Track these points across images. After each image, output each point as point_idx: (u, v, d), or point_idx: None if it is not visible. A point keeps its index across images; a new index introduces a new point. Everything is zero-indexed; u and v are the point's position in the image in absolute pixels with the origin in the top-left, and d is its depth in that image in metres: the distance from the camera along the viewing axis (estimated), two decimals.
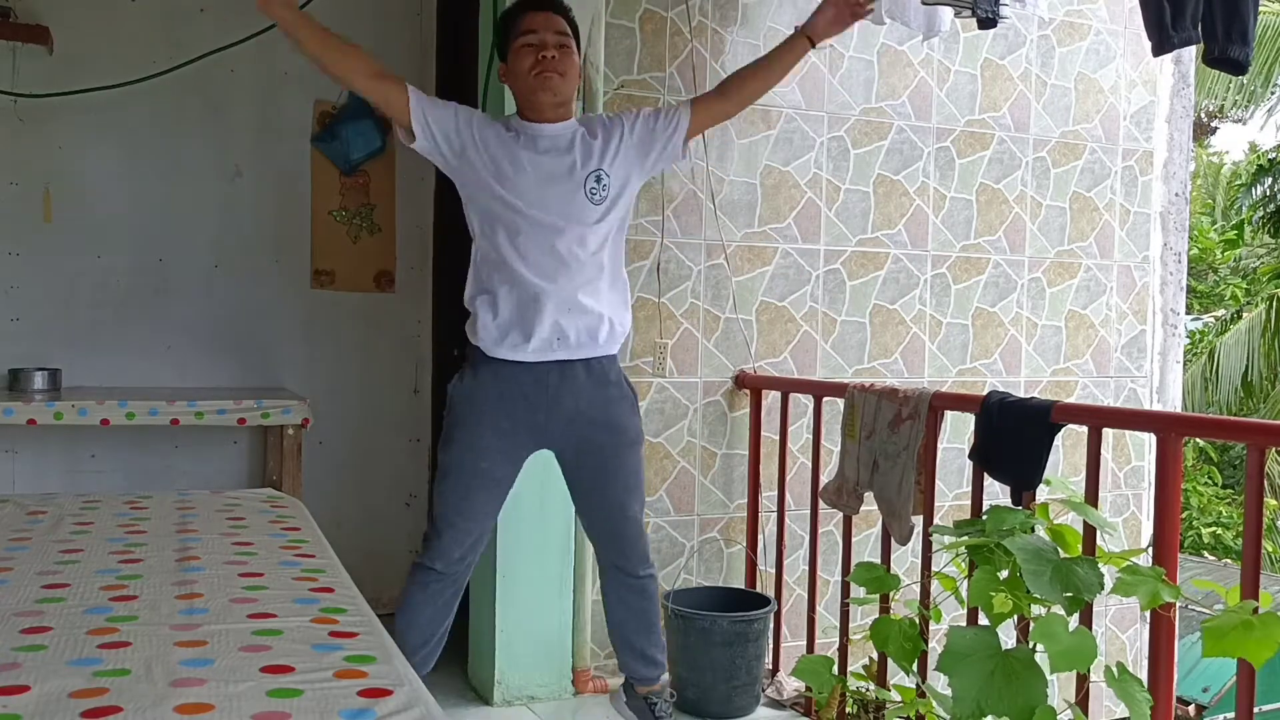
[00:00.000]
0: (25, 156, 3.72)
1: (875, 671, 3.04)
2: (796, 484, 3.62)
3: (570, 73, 2.52)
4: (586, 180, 2.52)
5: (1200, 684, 7.45)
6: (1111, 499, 4.21)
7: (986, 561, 2.45)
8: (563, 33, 2.52)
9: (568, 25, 2.56)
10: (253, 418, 3.53)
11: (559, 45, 2.50)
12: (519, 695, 3.31)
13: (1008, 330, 4.10)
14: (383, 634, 1.59)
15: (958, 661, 2.26)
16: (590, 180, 2.52)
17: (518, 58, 2.51)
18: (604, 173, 2.53)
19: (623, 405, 2.64)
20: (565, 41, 2.52)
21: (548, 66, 2.47)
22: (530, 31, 2.50)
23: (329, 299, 4.11)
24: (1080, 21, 4.18)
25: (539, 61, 2.47)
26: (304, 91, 4.03)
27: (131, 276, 3.86)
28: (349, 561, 2.17)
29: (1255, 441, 2.22)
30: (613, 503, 2.67)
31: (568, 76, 2.51)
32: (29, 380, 3.58)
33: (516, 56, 2.51)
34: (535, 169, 2.50)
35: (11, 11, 3.60)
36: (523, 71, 2.50)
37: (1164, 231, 4.37)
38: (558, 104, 2.53)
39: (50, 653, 1.42)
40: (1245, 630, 2.00)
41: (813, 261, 3.78)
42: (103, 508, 2.46)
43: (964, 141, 3.99)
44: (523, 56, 2.50)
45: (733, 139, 3.63)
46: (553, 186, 2.51)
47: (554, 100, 2.51)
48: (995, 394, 2.78)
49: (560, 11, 2.57)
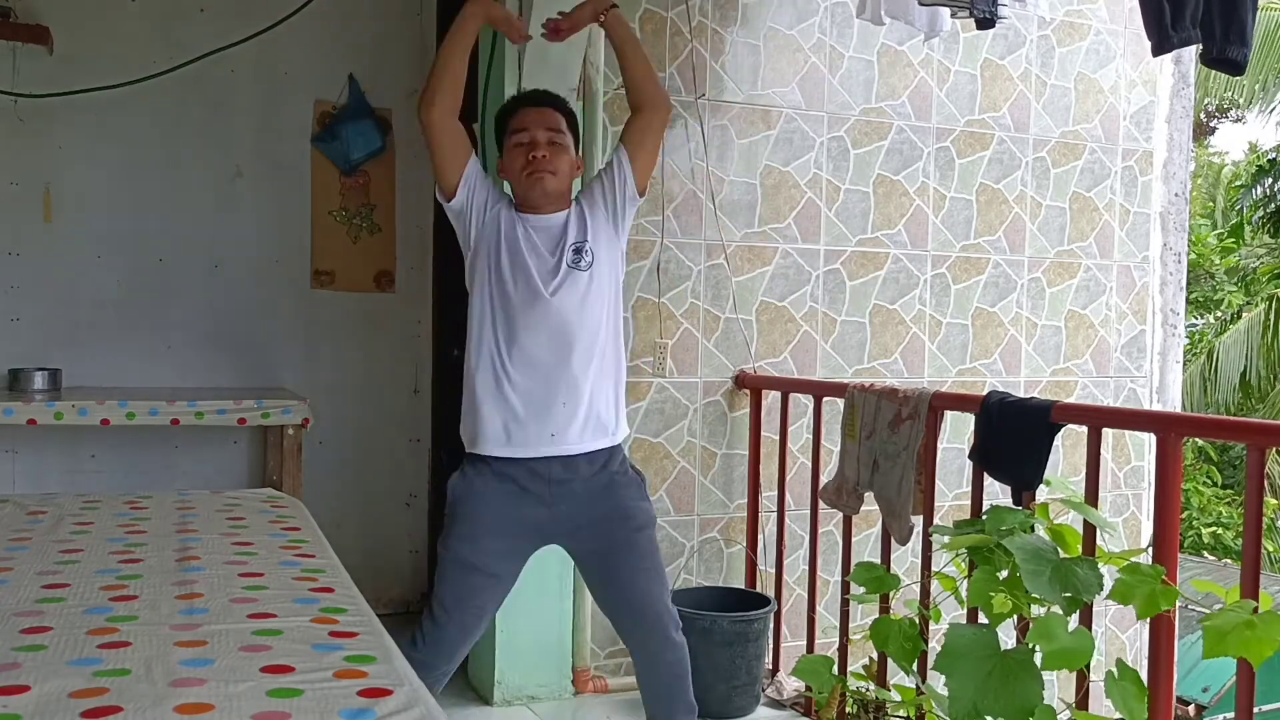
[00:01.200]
0: (25, 156, 3.72)
1: (875, 671, 3.04)
2: (796, 484, 3.62)
3: (563, 169, 2.48)
4: (567, 253, 2.47)
5: (1200, 684, 7.45)
6: (1111, 499, 4.21)
7: (986, 561, 2.45)
8: (555, 129, 2.48)
9: (563, 120, 2.51)
10: (253, 418, 3.52)
11: (550, 143, 2.46)
12: (519, 695, 3.31)
13: (1007, 330, 4.10)
14: (383, 634, 1.59)
15: (955, 661, 2.27)
16: (569, 253, 2.47)
17: (511, 156, 2.48)
18: (582, 242, 2.49)
19: (628, 490, 2.53)
20: (557, 138, 2.48)
21: (539, 166, 2.44)
22: (522, 129, 2.47)
23: (329, 299, 4.11)
24: (1080, 21, 4.18)
25: (530, 162, 2.44)
26: (304, 91, 4.03)
27: (131, 276, 3.86)
28: (349, 561, 2.17)
29: (1255, 441, 2.22)
30: (633, 594, 2.53)
31: (560, 174, 2.47)
32: (29, 380, 3.58)
33: (510, 155, 2.49)
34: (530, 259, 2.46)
35: (11, 11, 3.60)
36: (515, 171, 2.47)
37: (1164, 231, 4.37)
38: (550, 201, 2.49)
39: (50, 653, 1.42)
40: (1246, 630, 2.01)
41: (813, 261, 3.78)
42: (103, 508, 2.46)
43: (964, 141, 3.99)
44: (515, 156, 2.47)
45: (733, 139, 3.63)
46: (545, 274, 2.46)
47: (546, 199, 2.47)
48: (995, 394, 2.78)
49: (555, 106, 2.53)
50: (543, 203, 2.48)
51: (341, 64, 4.06)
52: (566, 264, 2.46)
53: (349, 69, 4.06)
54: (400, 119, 4.14)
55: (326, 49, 4.04)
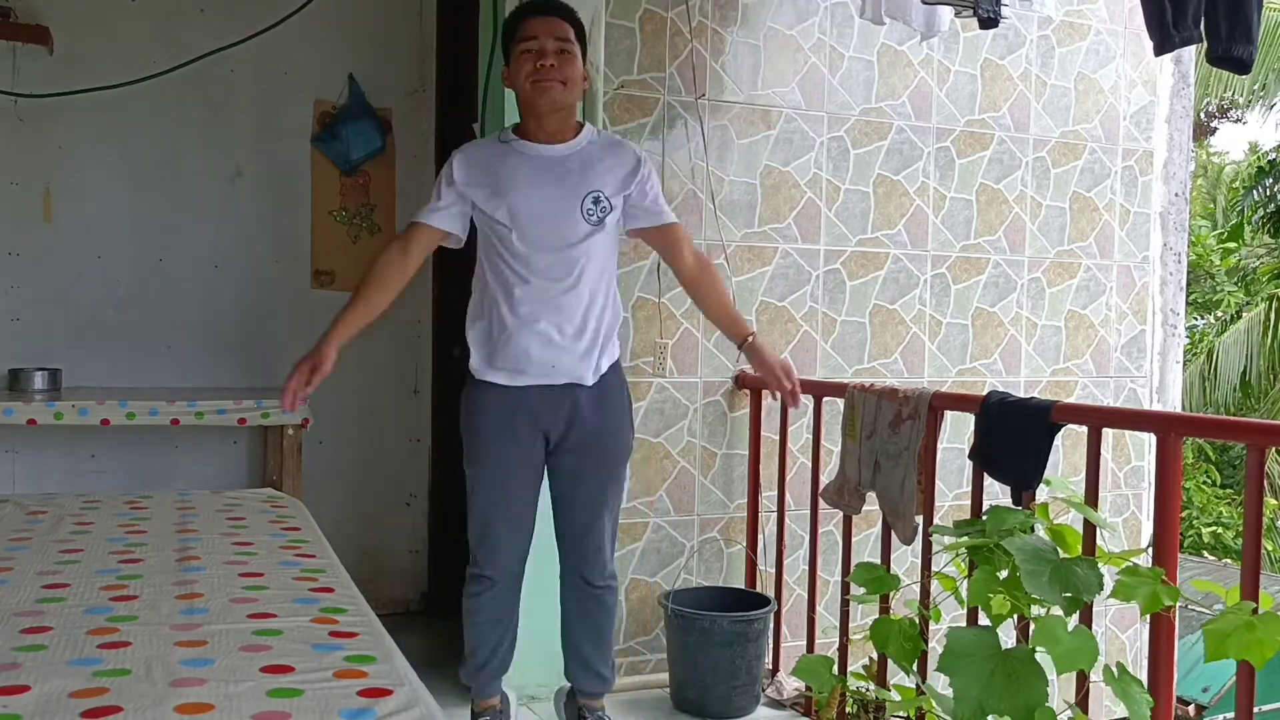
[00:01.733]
0: (25, 156, 3.72)
1: (875, 671, 3.04)
2: (796, 484, 3.62)
3: (572, 79, 2.47)
4: (584, 200, 2.50)
5: (1200, 684, 7.45)
6: (1111, 499, 4.21)
7: (986, 561, 2.45)
8: (564, 39, 2.47)
9: (571, 30, 2.50)
10: (253, 418, 3.52)
11: (559, 51, 2.45)
12: (519, 695, 3.31)
13: (1007, 330, 4.10)
14: (383, 634, 1.59)
15: (958, 661, 2.26)
16: (588, 200, 2.50)
17: (518, 64, 2.47)
18: (602, 195, 2.52)
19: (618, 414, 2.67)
20: (566, 47, 2.47)
21: (546, 74, 2.43)
22: (531, 38, 2.45)
23: (329, 299, 4.09)
24: (1080, 22, 4.18)
25: (537, 69, 2.43)
26: (304, 91, 4.03)
27: (131, 276, 3.86)
28: (349, 561, 2.17)
29: (1255, 441, 2.22)
30: (589, 504, 2.65)
31: (569, 83, 2.46)
32: (29, 380, 3.57)
33: (517, 63, 2.48)
34: (529, 190, 2.49)
35: (11, 11, 3.60)
36: (522, 78, 2.46)
37: (1164, 231, 4.37)
38: (556, 110, 2.49)
39: (50, 653, 1.42)
40: (1247, 631, 2.01)
41: (813, 261, 3.78)
42: (103, 508, 2.46)
43: (964, 141, 3.99)
44: (522, 63, 2.46)
45: (733, 139, 3.63)
46: (547, 207, 2.49)
47: (552, 108, 2.47)
48: (995, 394, 2.78)
49: (564, 16, 2.52)
50: (547, 113, 2.48)
51: (341, 64, 4.05)
52: (581, 211, 2.49)
53: (349, 69, 4.06)
54: (400, 119, 4.14)
55: (326, 49, 4.04)
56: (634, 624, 3.54)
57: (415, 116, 4.17)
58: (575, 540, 2.70)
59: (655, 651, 3.54)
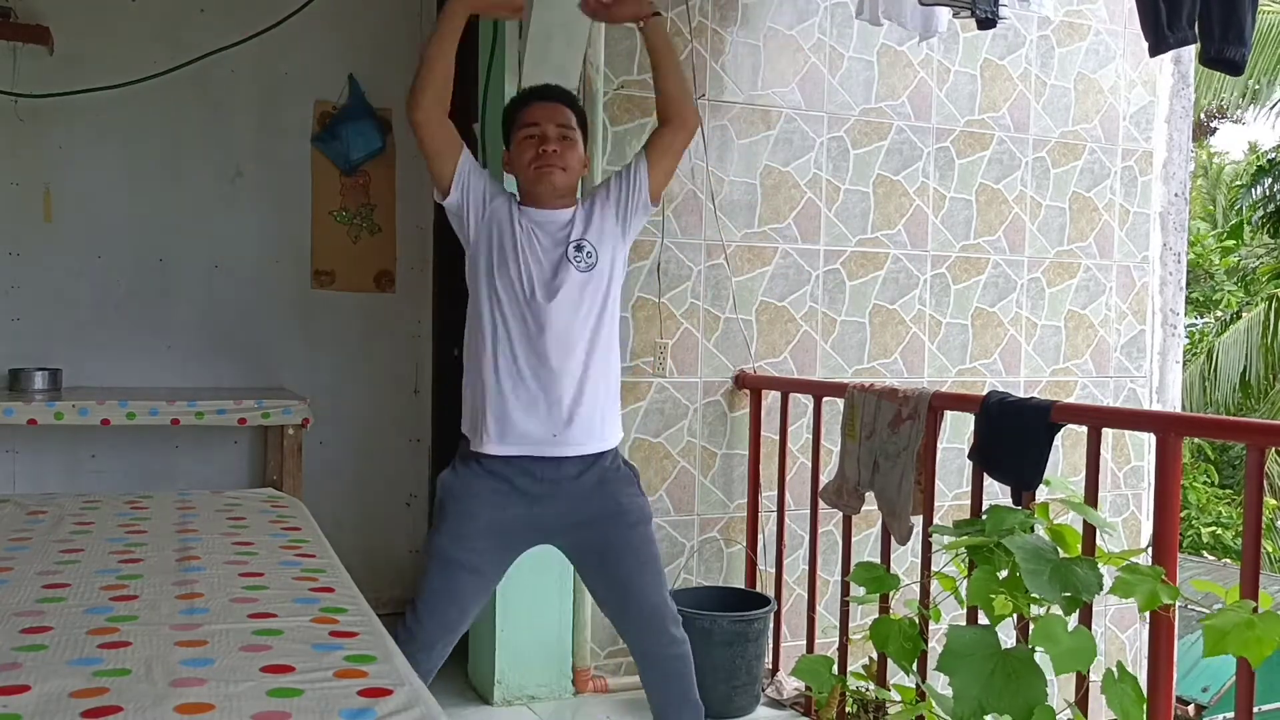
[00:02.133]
0: (25, 156, 3.72)
1: (875, 671, 3.04)
2: (796, 484, 3.62)
3: (573, 165, 2.46)
4: (568, 250, 2.45)
5: (1200, 684, 7.45)
6: (1111, 499, 4.21)
7: (986, 561, 2.45)
8: (566, 125, 2.47)
9: (574, 116, 2.50)
10: (253, 418, 3.52)
11: (561, 138, 2.44)
12: (519, 695, 3.31)
13: (1007, 330, 4.10)
14: (383, 634, 1.59)
15: (958, 661, 2.27)
16: (571, 249, 2.45)
17: (520, 149, 2.47)
18: (584, 241, 2.46)
19: (621, 486, 2.51)
20: (568, 134, 2.46)
21: (548, 161, 2.42)
22: (533, 124, 2.45)
23: (329, 299, 4.11)
24: (1080, 22, 4.18)
25: (539, 155, 2.42)
26: (304, 91, 4.03)
27: (131, 276, 3.86)
28: (349, 561, 2.17)
29: (1255, 441, 2.22)
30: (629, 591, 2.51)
31: (569, 170, 2.46)
32: (29, 380, 3.58)
33: (519, 148, 2.47)
34: (531, 256, 2.45)
35: (11, 11, 3.60)
36: (524, 164, 2.46)
37: (1163, 231, 4.37)
38: (558, 197, 2.47)
39: (50, 653, 1.42)
40: (1246, 629, 2.01)
41: (813, 261, 3.78)
42: (103, 508, 2.46)
43: (964, 142, 4.00)
44: (524, 149, 2.45)
45: (733, 139, 3.63)
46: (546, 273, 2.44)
47: (554, 194, 2.46)
48: (995, 394, 2.78)
49: (566, 102, 2.52)
50: (549, 198, 2.46)
51: (341, 64, 4.06)
52: (568, 260, 2.44)
53: (349, 69, 4.06)
54: (400, 119, 4.14)
55: (326, 49, 4.04)
56: None
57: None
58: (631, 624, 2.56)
59: None
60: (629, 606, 2.53)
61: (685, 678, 2.62)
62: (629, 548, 2.49)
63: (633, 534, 2.49)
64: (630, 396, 3.46)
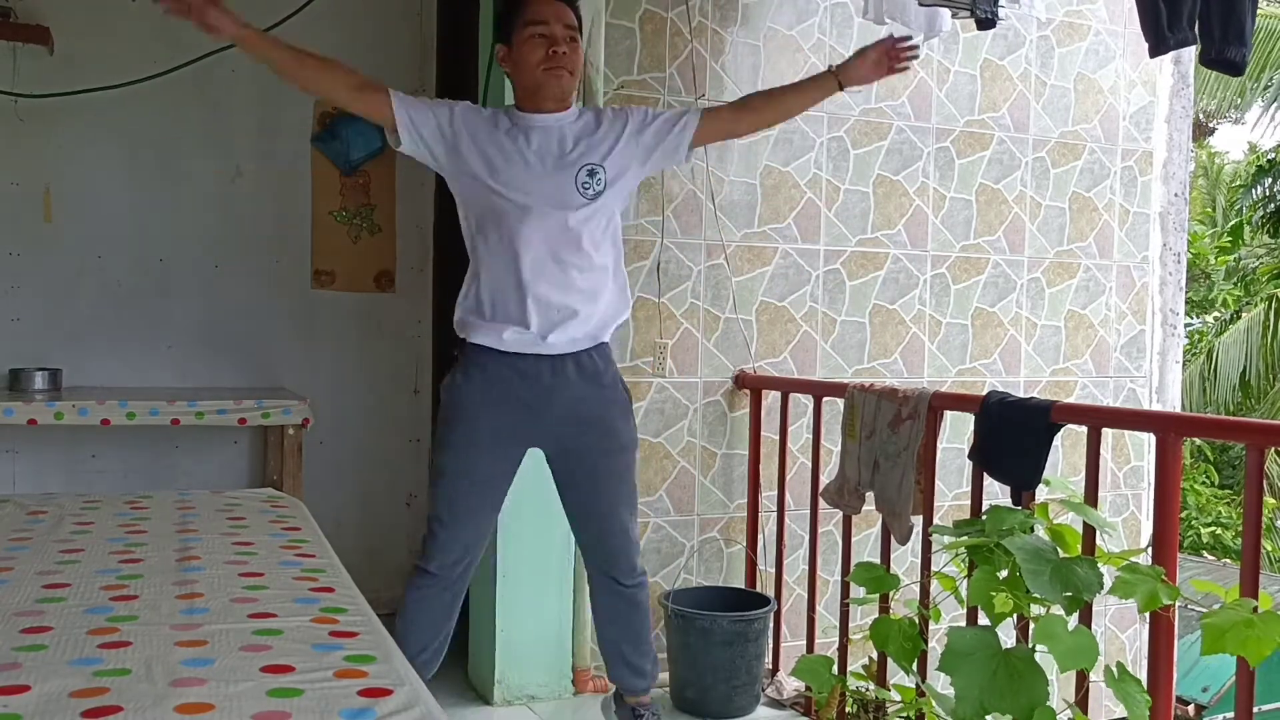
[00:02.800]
0: (25, 156, 3.72)
1: (875, 671, 3.04)
2: (796, 484, 3.62)
3: (577, 68, 2.49)
4: (579, 173, 2.46)
5: (1200, 684, 7.45)
6: (1111, 499, 4.21)
7: (986, 561, 2.45)
8: (572, 26, 2.47)
9: (575, 17, 2.50)
10: (253, 418, 3.53)
11: (569, 39, 2.44)
12: (519, 695, 3.31)
13: (1007, 330, 4.10)
14: (383, 634, 1.59)
15: (959, 661, 2.27)
16: (583, 174, 2.46)
17: (527, 47, 2.44)
18: (598, 167, 2.47)
19: (615, 409, 2.60)
20: (574, 35, 2.47)
21: (559, 62, 2.42)
22: (541, 22, 2.43)
23: (329, 299, 4.11)
24: (1080, 22, 4.18)
25: (550, 56, 2.41)
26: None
27: (131, 276, 3.86)
28: (349, 561, 2.17)
29: (1255, 441, 2.22)
30: (602, 508, 2.61)
31: (574, 73, 2.48)
32: (29, 380, 3.58)
33: (525, 45, 2.44)
34: (526, 160, 2.45)
35: (11, 11, 3.60)
36: (531, 64, 2.43)
37: (1163, 232, 4.37)
38: (561, 99, 2.48)
39: (50, 652, 1.42)
40: (1245, 628, 2.01)
41: (812, 261, 3.78)
42: (103, 508, 2.46)
43: (963, 142, 4.00)
44: (533, 47, 2.43)
45: (733, 139, 3.63)
46: (544, 178, 2.45)
47: (559, 95, 2.47)
48: (995, 394, 2.78)
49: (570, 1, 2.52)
50: (552, 99, 2.46)
51: None
52: (577, 187, 2.45)
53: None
54: None
55: (326, 49, 4.00)
56: None
57: None
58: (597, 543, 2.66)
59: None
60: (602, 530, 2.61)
61: (642, 612, 2.71)
62: (612, 472, 2.59)
63: (618, 459, 2.59)
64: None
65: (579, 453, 2.59)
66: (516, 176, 2.45)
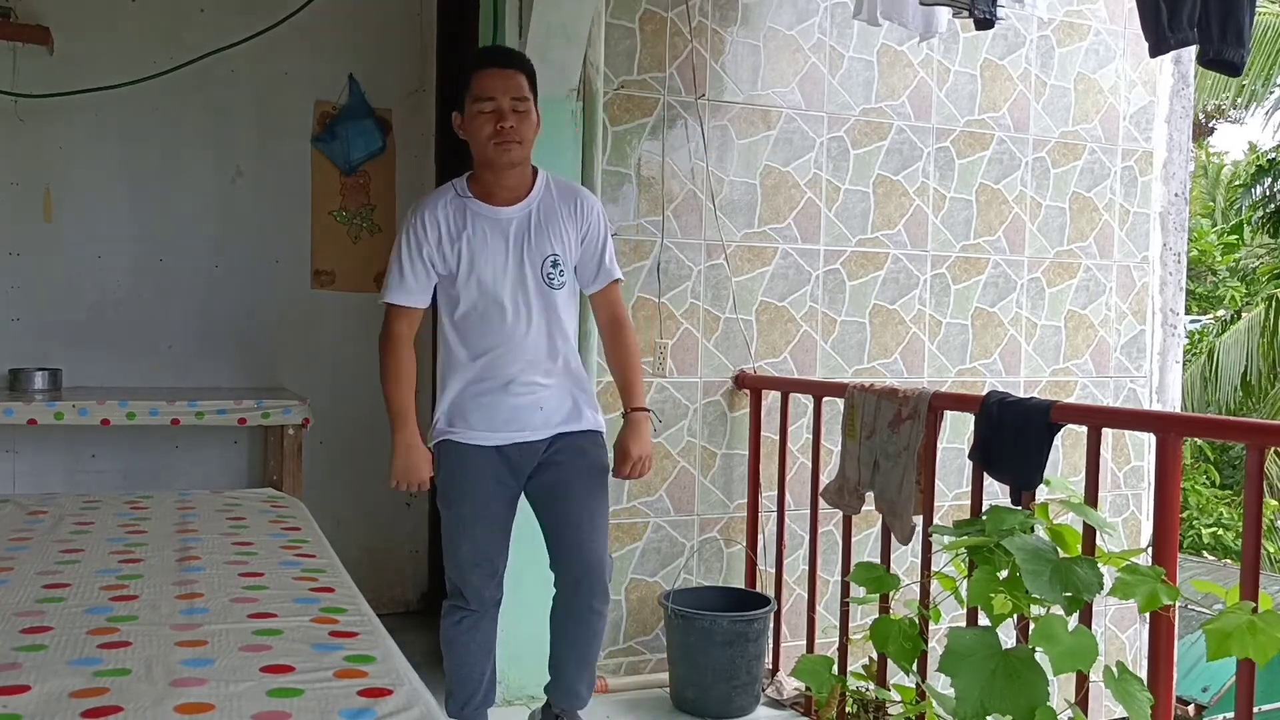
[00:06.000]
0: (25, 156, 3.72)
1: (875, 671, 3.04)
2: (796, 484, 3.62)
3: (528, 136, 2.51)
4: (543, 264, 2.54)
5: (1200, 684, 7.45)
6: (1111, 499, 4.21)
7: (986, 561, 2.45)
8: (520, 97, 2.49)
9: (526, 82, 2.52)
10: (253, 418, 3.52)
11: (515, 110, 2.48)
12: (519, 695, 3.31)
13: (1007, 330, 4.10)
14: (383, 634, 1.59)
15: (959, 661, 2.26)
16: (547, 264, 2.54)
17: (475, 123, 2.49)
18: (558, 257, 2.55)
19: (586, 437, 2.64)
20: (521, 106, 2.49)
21: (506, 136, 2.46)
22: (488, 98, 2.47)
23: (329, 299, 4.11)
24: (1080, 22, 4.18)
25: (497, 131, 2.47)
26: (304, 91, 4.03)
27: (131, 276, 3.86)
28: (349, 561, 2.17)
29: (1255, 441, 2.22)
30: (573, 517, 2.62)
31: (525, 141, 2.51)
32: (29, 380, 3.58)
33: (473, 121, 2.50)
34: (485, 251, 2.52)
35: (11, 11, 3.60)
36: (481, 139, 2.49)
37: (1163, 231, 4.37)
38: (514, 167, 2.52)
39: (50, 653, 1.42)
40: (1249, 631, 2.01)
41: (813, 261, 3.78)
42: (103, 508, 2.46)
43: (964, 142, 4.00)
44: (480, 124, 2.48)
45: (733, 139, 3.63)
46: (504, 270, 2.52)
47: (511, 165, 2.51)
48: (995, 394, 2.78)
49: (519, 67, 2.54)
50: (506, 169, 2.51)
51: (341, 64, 4.06)
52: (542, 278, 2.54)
53: (349, 69, 4.06)
54: (400, 119, 4.14)
55: (326, 49, 4.04)
56: (634, 624, 3.55)
57: (415, 116, 4.17)
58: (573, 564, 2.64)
59: (655, 651, 3.55)
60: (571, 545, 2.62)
61: (595, 639, 2.71)
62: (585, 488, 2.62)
63: (591, 480, 2.63)
64: None
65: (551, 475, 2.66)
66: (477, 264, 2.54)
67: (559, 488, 2.62)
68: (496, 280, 2.52)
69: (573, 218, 2.58)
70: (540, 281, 2.53)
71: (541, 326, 2.55)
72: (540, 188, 2.58)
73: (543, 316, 2.55)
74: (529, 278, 2.53)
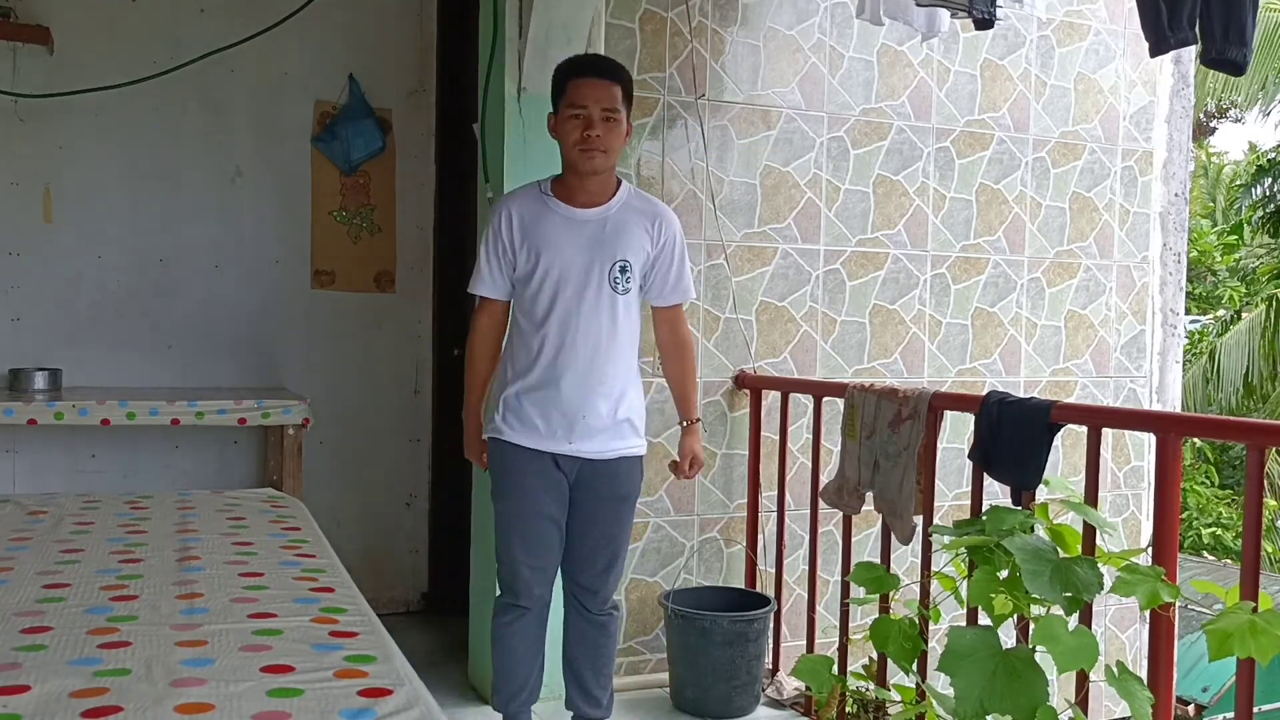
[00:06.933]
0: (25, 156, 3.72)
1: (875, 671, 3.04)
2: (796, 484, 3.62)
3: (615, 146, 2.56)
4: (611, 268, 2.58)
5: (1200, 684, 7.46)
6: (1111, 499, 4.21)
7: (986, 561, 2.45)
8: (611, 108, 2.53)
9: (620, 93, 2.56)
10: (253, 418, 3.53)
11: (605, 119, 2.52)
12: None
13: (1007, 330, 4.10)
14: (383, 634, 1.59)
15: (959, 661, 2.26)
16: (615, 269, 2.58)
17: (565, 126, 2.55)
18: (627, 263, 2.59)
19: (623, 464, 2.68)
20: (613, 115, 2.53)
21: (592, 145, 2.51)
22: (580, 106, 2.52)
23: (329, 299, 4.11)
24: (1080, 22, 4.18)
25: (584, 139, 2.51)
26: (304, 91, 4.03)
27: (132, 276, 3.86)
28: (349, 561, 2.17)
29: (1255, 441, 2.22)
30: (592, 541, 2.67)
31: (610, 152, 2.55)
32: (29, 380, 3.58)
33: (563, 124, 2.55)
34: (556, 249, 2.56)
35: (11, 11, 3.60)
36: (569, 143, 2.55)
37: (1163, 231, 4.37)
38: (597, 174, 2.57)
39: (51, 652, 1.42)
40: (1250, 631, 2.01)
41: (813, 261, 3.78)
42: (103, 508, 2.46)
43: (964, 142, 4.00)
44: (570, 129, 2.54)
45: (733, 139, 3.63)
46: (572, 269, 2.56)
47: (594, 173, 2.55)
48: (995, 394, 2.78)
49: (614, 78, 2.57)
50: (589, 176, 2.56)
51: (341, 64, 4.06)
52: (609, 282, 2.58)
53: (349, 69, 4.06)
54: (400, 119, 4.14)
55: (326, 49, 4.04)
56: (634, 624, 3.54)
57: (415, 116, 4.17)
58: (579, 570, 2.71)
59: (655, 651, 3.55)
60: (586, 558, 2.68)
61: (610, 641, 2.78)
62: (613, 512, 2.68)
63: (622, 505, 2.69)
64: None
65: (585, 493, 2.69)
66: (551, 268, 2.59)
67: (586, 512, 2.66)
68: (564, 278, 2.55)
69: (649, 232, 2.62)
70: (606, 284, 2.57)
71: (602, 328, 2.58)
72: (621, 197, 2.63)
73: (607, 318, 2.59)
74: (594, 280, 2.56)
